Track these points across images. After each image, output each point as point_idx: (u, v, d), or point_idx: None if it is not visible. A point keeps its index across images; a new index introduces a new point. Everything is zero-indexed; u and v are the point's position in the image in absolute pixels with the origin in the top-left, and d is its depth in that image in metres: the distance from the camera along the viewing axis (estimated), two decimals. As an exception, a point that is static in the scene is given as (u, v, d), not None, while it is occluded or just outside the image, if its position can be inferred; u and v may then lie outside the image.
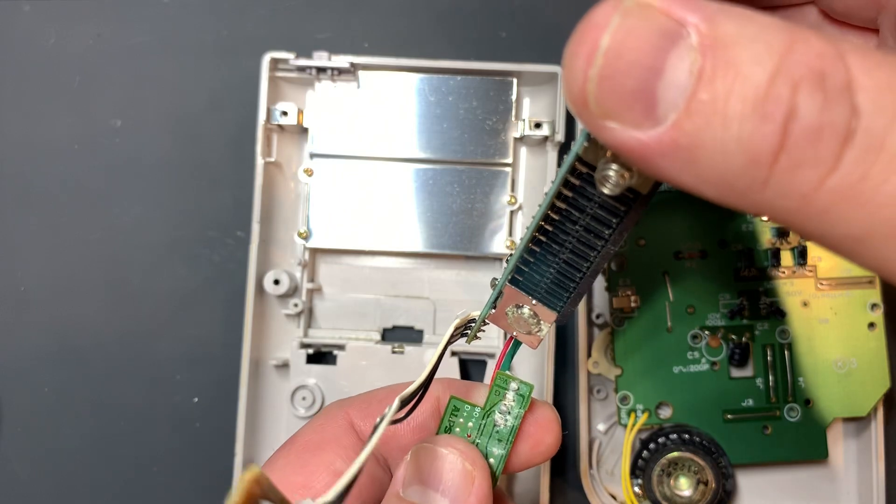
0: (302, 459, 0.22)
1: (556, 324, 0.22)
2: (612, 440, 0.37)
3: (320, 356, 0.38)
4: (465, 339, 0.24)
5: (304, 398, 0.36)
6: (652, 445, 0.35)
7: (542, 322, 0.22)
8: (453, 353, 0.36)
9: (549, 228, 0.20)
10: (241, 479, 0.14)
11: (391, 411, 0.20)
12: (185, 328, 0.38)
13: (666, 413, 0.35)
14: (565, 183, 0.19)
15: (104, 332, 0.38)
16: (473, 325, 0.23)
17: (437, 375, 0.22)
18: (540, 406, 0.23)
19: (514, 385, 0.23)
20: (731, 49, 0.13)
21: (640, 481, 0.35)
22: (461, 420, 0.23)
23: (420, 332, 0.38)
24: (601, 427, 0.36)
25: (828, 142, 0.13)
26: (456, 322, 0.23)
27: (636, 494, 0.35)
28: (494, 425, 0.23)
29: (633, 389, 0.35)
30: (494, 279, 0.22)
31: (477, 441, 0.23)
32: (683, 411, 0.35)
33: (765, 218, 0.36)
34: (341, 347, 0.37)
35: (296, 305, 0.37)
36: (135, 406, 0.38)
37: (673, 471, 0.35)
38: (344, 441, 0.23)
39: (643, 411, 0.35)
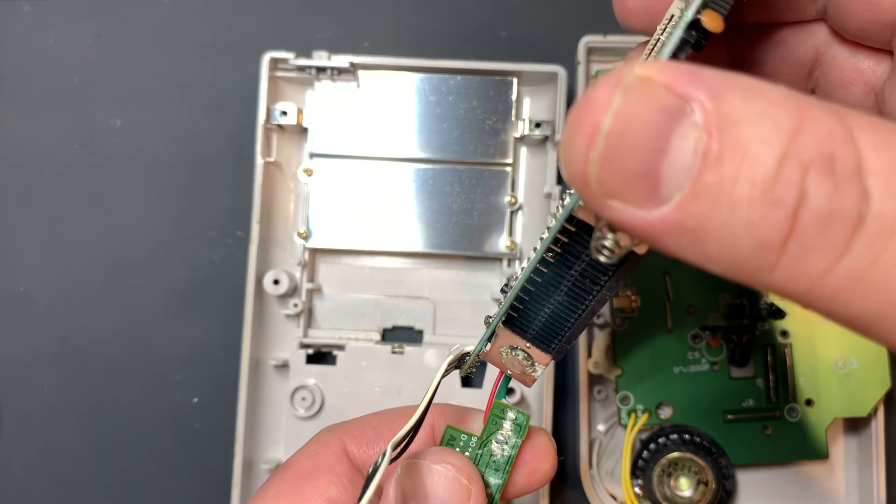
0: (296, 487, 0.22)
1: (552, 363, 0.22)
2: (612, 440, 0.37)
3: (320, 356, 0.38)
4: (458, 371, 0.23)
5: (303, 398, 0.36)
6: (652, 446, 0.35)
7: (536, 364, 0.21)
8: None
9: (545, 270, 0.19)
10: None
11: (385, 459, 0.19)
12: (185, 328, 0.38)
13: (666, 413, 0.35)
14: (561, 230, 0.18)
15: (104, 332, 0.38)
16: (467, 359, 0.23)
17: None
18: (536, 433, 0.23)
19: (511, 415, 0.23)
20: (737, 127, 0.12)
21: (640, 482, 0.35)
22: (457, 450, 0.23)
23: (420, 333, 0.38)
24: (601, 427, 0.36)
25: (838, 228, 0.12)
26: (450, 358, 0.22)
27: (636, 495, 0.35)
28: (491, 455, 0.23)
29: (634, 389, 0.35)
30: (489, 317, 0.22)
31: None
32: (683, 411, 0.35)
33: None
34: (341, 348, 0.37)
35: (295, 305, 0.37)
36: (134, 406, 0.38)
37: (673, 471, 0.35)
38: (337, 468, 0.23)
39: (643, 411, 0.35)
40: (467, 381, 0.37)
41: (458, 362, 0.23)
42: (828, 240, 0.12)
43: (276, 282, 0.37)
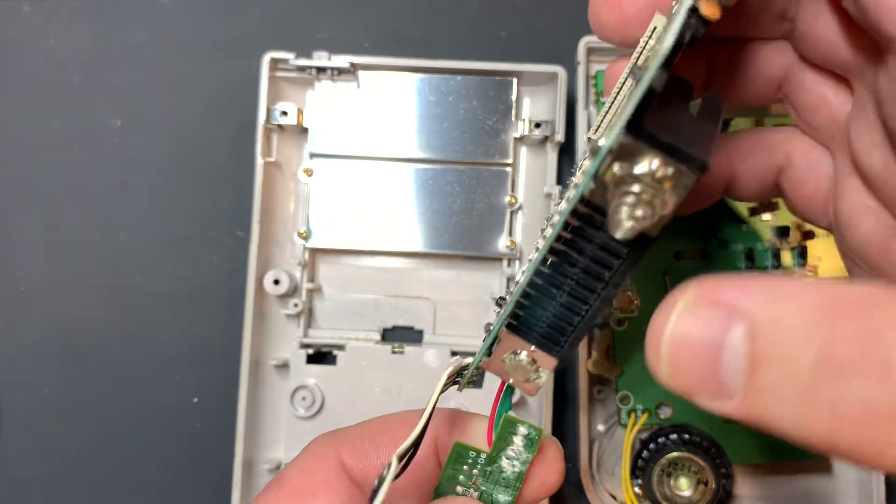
0: None
1: (556, 369, 0.21)
2: (612, 440, 0.37)
3: (320, 356, 0.38)
4: (456, 387, 0.23)
5: (303, 398, 0.36)
6: (652, 445, 0.35)
7: (541, 369, 0.21)
8: (453, 354, 0.36)
9: (546, 271, 0.19)
10: None
11: (391, 473, 0.19)
12: (185, 328, 0.38)
13: (666, 413, 0.35)
14: (565, 225, 0.18)
15: (104, 332, 0.38)
16: (465, 373, 0.22)
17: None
18: (546, 445, 0.22)
19: (522, 430, 0.22)
20: (776, 337, 0.14)
21: (640, 481, 0.35)
22: (465, 468, 0.22)
23: (420, 333, 0.38)
24: (601, 427, 0.36)
25: (877, 418, 0.14)
26: (449, 370, 0.22)
27: (636, 495, 0.35)
28: (501, 471, 0.22)
29: (633, 389, 0.35)
30: (489, 324, 0.21)
31: (482, 488, 0.22)
32: (683, 411, 0.35)
33: (766, 218, 0.36)
34: (341, 348, 0.37)
35: (296, 305, 0.37)
36: (135, 406, 0.38)
37: (673, 471, 0.35)
38: (335, 485, 0.22)
39: (643, 411, 0.35)
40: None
41: (457, 376, 0.22)
42: (869, 433, 0.14)
43: (276, 282, 0.37)
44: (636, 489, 0.35)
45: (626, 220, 0.16)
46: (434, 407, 0.21)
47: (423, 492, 0.23)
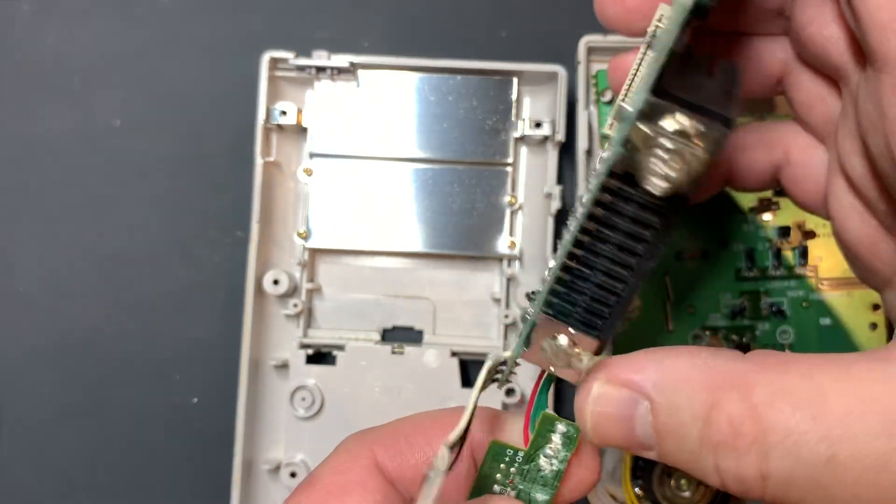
0: None
1: (598, 353, 0.20)
2: (612, 441, 0.37)
3: (320, 356, 0.38)
4: (496, 384, 0.22)
5: (303, 399, 0.36)
6: (652, 446, 0.35)
7: (582, 353, 0.20)
8: (453, 354, 0.36)
9: (579, 252, 0.19)
10: None
11: (445, 462, 0.19)
12: (185, 328, 0.38)
13: (666, 414, 0.35)
14: (595, 202, 0.18)
15: (104, 333, 0.38)
16: (504, 367, 0.22)
17: (440, 405, 0.22)
18: (583, 443, 0.22)
19: (561, 427, 0.22)
20: (671, 416, 0.18)
21: (640, 482, 0.35)
22: (502, 466, 0.22)
23: (420, 333, 0.38)
24: (602, 428, 0.36)
25: (747, 483, 0.17)
26: (488, 364, 0.21)
27: (637, 496, 0.35)
28: (539, 470, 0.22)
29: (634, 390, 0.35)
30: (525, 314, 0.21)
31: (520, 486, 0.22)
32: (684, 412, 0.35)
33: (767, 218, 0.36)
34: (341, 348, 0.37)
35: (295, 305, 0.37)
36: (134, 406, 0.38)
37: (674, 472, 0.34)
38: (370, 485, 0.21)
39: (644, 412, 0.35)
40: (466, 381, 0.37)
41: (495, 371, 0.22)
42: (748, 489, 0.17)
43: (275, 282, 0.37)
44: (637, 490, 0.35)
45: (660, 175, 0.16)
46: (477, 401, 0.20)
47: (456, 491, 0.23)
